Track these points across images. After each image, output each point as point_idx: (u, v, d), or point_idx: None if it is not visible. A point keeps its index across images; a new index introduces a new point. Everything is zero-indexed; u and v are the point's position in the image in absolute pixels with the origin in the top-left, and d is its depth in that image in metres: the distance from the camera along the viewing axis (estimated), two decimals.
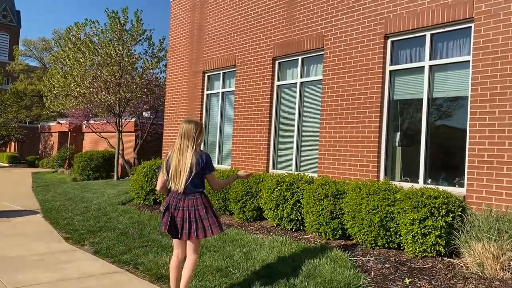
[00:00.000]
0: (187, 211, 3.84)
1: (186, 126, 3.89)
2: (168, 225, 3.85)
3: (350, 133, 7.07)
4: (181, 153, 3.84)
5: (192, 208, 3.84)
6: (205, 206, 3.88)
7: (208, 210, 3.91)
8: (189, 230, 3.83)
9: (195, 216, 3.83)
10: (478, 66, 5.69)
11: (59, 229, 7.55)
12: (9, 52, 39.79)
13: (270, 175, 7.41)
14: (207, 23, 10.59)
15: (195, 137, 3.87)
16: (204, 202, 3.90)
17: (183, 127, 3.90)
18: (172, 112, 11.62)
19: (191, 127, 3.88)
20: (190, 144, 3.84)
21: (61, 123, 26.60)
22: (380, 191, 5.55)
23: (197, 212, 3.85)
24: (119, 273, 5.19)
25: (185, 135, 3.87)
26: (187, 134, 3.86)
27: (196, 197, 3.88)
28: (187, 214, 3.84)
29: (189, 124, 3.91)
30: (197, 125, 3.93)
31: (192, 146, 3.85)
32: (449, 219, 4.95)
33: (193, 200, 3.86)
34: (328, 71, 7.52)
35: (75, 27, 15.97)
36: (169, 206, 3.89)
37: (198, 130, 3.90)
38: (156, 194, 9.32)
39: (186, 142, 3.85)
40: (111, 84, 15.60)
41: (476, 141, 5.63)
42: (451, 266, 4.82)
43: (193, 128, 3.88)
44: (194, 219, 3.83)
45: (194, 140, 3.86)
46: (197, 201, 3.87)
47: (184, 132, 3.88)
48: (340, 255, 5.16)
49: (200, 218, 3.85)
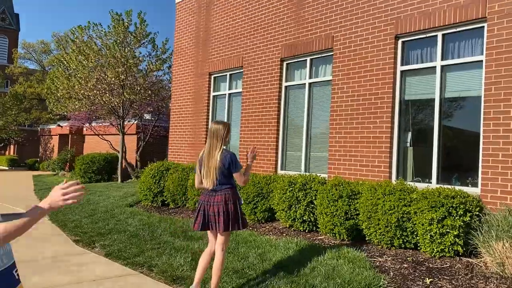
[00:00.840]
0: (217, 206, 4.10)
1: (215, 127, 4.18)
2: (201, 224, 4.17)
3: (361, 133, 7.06)
4: (211, 152, 4.13)
5: (222, 203, 4.09)
6: (233, 203, 4.13)
7: (236, 206, 4.16)
8: (218, 223, 4.09)
9: (223, 210, 4.09)
10: (492, 65, 5.69)
11: (68, 232, 7.50)
12: (8, 55, 39.68)
13: (282, 176, 7.39)
14: (213, 25, 10.58)
15: (223, 137, 4.15)
16: (232, 198, 4.15)
17: (212, 128, 4.20)
18: (178, 114, 11.59)
19: (219, 127, 4.16)
20: (218, 143, 4.14)
21: (62, 125, 26.51)
22: (396, 192, 5.53)
23: (225, 206, 4.10)
24: (134, 275, 5.15)
25: (213, 135, 4.16)
26: (216, 134, 4.15)
27: (225, 192, 4.13)
28: (217, 208, 4.10)
29: (218, 124, 4.19)
30: (225, 125, 4.21)
31: (221, 146, 4.14)
32: (467, 218, 4.93)
33: (223, 196, 4.11)
34: (338, 71, 7.51)
35: (79, 29, 15.93)
36: (202, 204, 4.20)
37: (226, 130, 4.18)
38: (164, 196, 9.28)
39: (215, 142, 4.14)
40: (115, 86, 15.56)
41: (490, 141, 5.62)
42: (470, 266, 4.80)
43: (221, 128, 4.16)
44: (223, 213, 4.08)
45: (222, 139, 4.15)
46: (225, 196, 4.11)
47: (213, 132, 4.17)
48: (358, 256, 5.13)
49: (228, 212, 4.10)
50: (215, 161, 4.07)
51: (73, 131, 25.26)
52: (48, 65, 39.01)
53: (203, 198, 4.22)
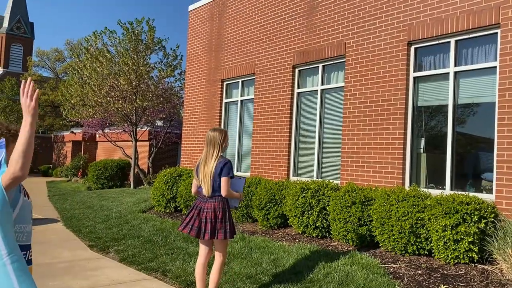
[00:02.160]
0: (206, 212, 4.10)
1: (212, 134, 4.19)
2: (186, 225, 4.16)
3: (374, 139, 7.06)
4: (207, 159, 4.16)
5: (211, 210, 4.08)
6: (222, 211, 4.10)
7: (224, 214, 4.11)
8: (205, 230, 4.06)
9: (211, 217, 4.07)
10: (506, 72, 5.67)
11: (82, 237, 7.59)
12: (22, 63, 40.27)
13: (294, 182, 7.40)
14: (225, 32, 10.68)
15: (220, 144, 4.16)
16: (222, 206, 4.12)
17: (208, 135, 4.21)
18: (190, 121, 11.68)
19: (216, 134, 4.18)
20: (215, 151, 4.14)
21: (75, 132, 26.83)
22: (409, 198, 5.52)
23: (213, 213, 4.08)
24: (148, 280, 5.21)
25: (210, 143, 4.17)
26: (213, 142, 4.16)
27: (215, 199, 4.12)
28: (205, 215, 4.10)
29: (214, 132, 4.21)
30: (221, 132, 4.22)
31: (217, 153, 4.14)
32: (481, 225, 4.90)
33: (213, 203, 4.11)
34: (350, 78, 7.53)
35: (93, 36, 16.16)
36: (194, 207, 4.20)
37: (222, 137, 4.18)
38: (177, 202, 9.34)
39: (211, 149, 4.16)
40: (128, 93, 15.74)
41: (505, 147, 5.59)
42: (485, 272, 4.76)
43: (218, 136, 4.18)
44: (210, 220, 4.07)
45: (219, 146, 4.16)
46: (215, 204, 4.11)
47: (210, 140, 4.18)
48: (372, 262, 5.13)
49: (215, 221, 4.08)
50: (210, 168, 4.08)
51: (86, 138, 25.55)
52: (61, 72, 39.57)
53: (197, 203, 4.22)
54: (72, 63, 19.79)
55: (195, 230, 4.09)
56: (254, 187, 7.94)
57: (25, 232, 2.24)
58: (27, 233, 2.26)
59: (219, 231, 4.06)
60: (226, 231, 4.10)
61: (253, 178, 8.41)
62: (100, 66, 15.57)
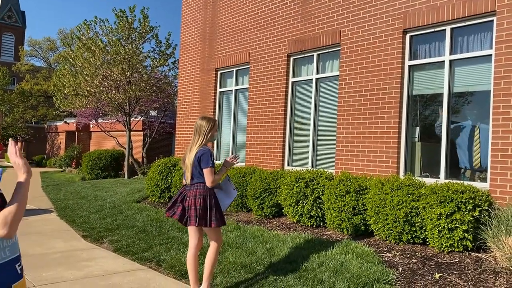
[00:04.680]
0: (189, 200, 4.07)
1: (199, 123, 4.14)
2: (169, 209, 4.19)
3: (368, 128, 7.03)
4: (190, 148, 4.12)
5: (193, 198, 4.05)
6: (202, 198, 4.04)
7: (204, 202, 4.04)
8: (189, 217, 4.05)
9: (193, 205, 4.03)
10: (501, 60, 5.64)
11: (76, 227, 7.55)
12: (14, 52, 39.86)
13: (289, 172, 7.38)
14: (219, 20, 10.56)
15: (206, 133, 4.09)
16: (202, 193, 4.05)
17: (196, 123, 4.16)
18: (184, 111, 11.60)
19: (203, 123, 4.12)
20: (199, 140, 4.09)
21: (68, 122, 26.65)
22: (404, 187, 5.51)
23: (194, 201, 4.04)
24: (143, 270, 5.18)
25: (196, 131, 4.13)
26: (198, 131, 4.12)
27: (197, 188, 4.07)
28: (188, 203, 4.07)
29: (202, 120, 4.15)
30: (209, 121, 4.14)
31: (201, 142, 4.08)
32: (476, 213, 4.90)
33: (194, 191, 4.07)
34: (345, 66, 7.48)
35: (85, 25, 15.96)
36: (179, 193, 4.21)
37: (208, 126, 4.10)
38: (172, 192, 9.30)
39: (197, 138, 4.11)
40: (121, 82, 15.60)
41: (500, 135, 5.58)
42: (479, 261, 4.77)
43: (205, 125, 4.11)
44: (194, 208, 4.03)
45: (204, 135, 4.09)
46: (197, 191, 4.05)
47: (196, 128, 4.14)
48: (366, 251, 5.13)
49: (196, 208, 4.03)
50: (192, 157, 4.04)
51: (80, 128, 25.39)
52: (54, 62, 39.19)
53: (181, 190, 4.24)
54: (64, 53, 19.54)
55: (177, 215, 4.12)
56: (248, 177, 7.91)
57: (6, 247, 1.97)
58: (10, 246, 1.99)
59: (204, 218, 4.00)
60: (211, 219, 4.01)
61: (248, 167, 8.38)
62: (93, 56, 15.40)
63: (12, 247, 2.00)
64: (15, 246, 2.03)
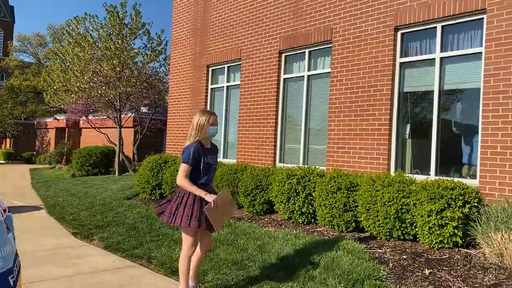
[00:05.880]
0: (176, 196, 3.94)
1: (194, 117, 3.98)
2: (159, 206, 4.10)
3: (359, 125, 7.05)
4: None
5: (178, 194, 3.92)
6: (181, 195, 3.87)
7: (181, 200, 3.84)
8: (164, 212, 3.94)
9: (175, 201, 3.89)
10: (491, 57, 5.68)
11: (66, 225, 7.49)
12: (3, 47, 39.33)
13: (280, 169, 7.38)
14: (211, 16, 10.51)
15: (197, 128, 3.89)
16: (181, 190, 3.88)
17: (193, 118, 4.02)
18: (175, 107, 11.54)
19: (195, 117, 3.96)
20: (192, 134, 3.93)
21: (58, 119, 26.40)
22: (394, 183, 5.54)
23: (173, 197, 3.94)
24: (133, 267, 5.15)
25: (191, 126, 3.98)
26: (192, 125, 3.97)
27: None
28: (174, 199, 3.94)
29: (196, 114, 4.00)
30: (202, 115, 3.93)
31: (194, 137, 3.91)
32: (465, 210, 4.94)
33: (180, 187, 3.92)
34: (337, 63, 7.49)
35: (75, 21, 15.79)
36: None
37: (200, 120, 3.89)
38: (163, 189, 9.26)
39: (190, 132, 3.96)
40: (111, 78, 15.47)
41: (489, 133, 5.62)
42: (469, 257, 4.82)
43: (196, 119, 3.94)
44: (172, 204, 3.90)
45: (196, 130, 3.90)
46: (180, 188, 3.92)
47: (192, 123, 3.99)
48: (357, 247, 5.15)
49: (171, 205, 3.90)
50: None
51: (70, 124, 25.17)
52: (44, 58, 38.78)
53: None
54: (54, 48, 19.32)
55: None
56: (240, 174, 7.90)
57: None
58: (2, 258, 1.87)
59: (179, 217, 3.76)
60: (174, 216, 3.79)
61: (239, 164, 8.36)
62: (82, 51, 15.24)
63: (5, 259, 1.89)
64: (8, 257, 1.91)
